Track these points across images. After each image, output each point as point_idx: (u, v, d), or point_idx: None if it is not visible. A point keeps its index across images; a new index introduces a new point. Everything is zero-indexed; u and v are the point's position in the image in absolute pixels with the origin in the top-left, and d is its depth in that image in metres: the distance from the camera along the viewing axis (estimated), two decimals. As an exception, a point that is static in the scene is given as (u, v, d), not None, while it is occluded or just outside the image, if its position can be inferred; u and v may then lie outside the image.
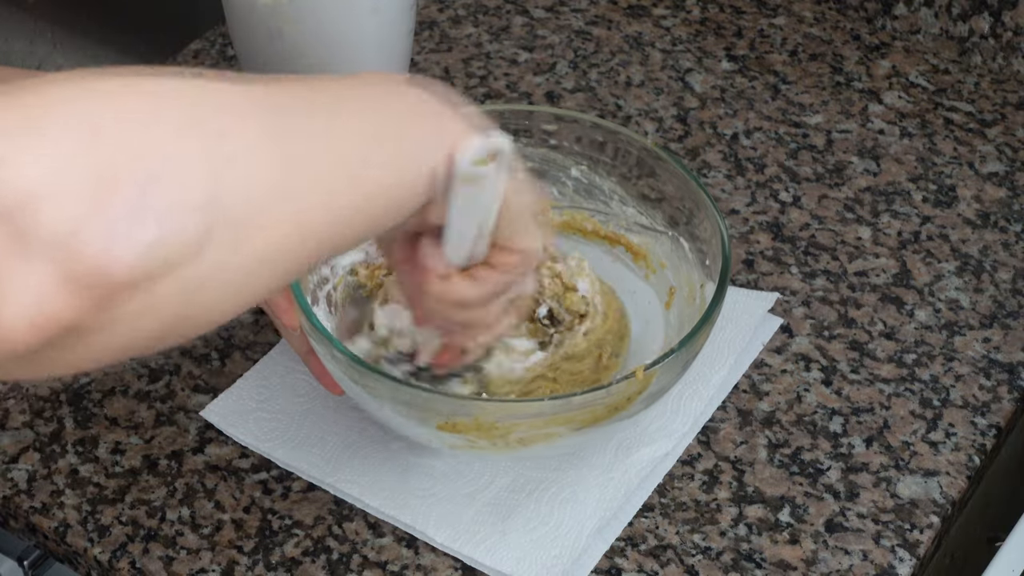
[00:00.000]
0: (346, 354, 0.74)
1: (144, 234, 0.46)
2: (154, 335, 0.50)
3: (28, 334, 0.45)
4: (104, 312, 0.47)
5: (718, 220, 0.82)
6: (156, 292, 0.48)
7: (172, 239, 0.47)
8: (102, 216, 0.45)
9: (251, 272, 0.51)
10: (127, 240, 0.46)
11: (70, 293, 0.45)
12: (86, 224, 0.45)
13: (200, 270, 0.49)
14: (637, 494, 0.83)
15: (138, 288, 0.47)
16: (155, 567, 0.80)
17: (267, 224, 0.51)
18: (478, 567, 0.79)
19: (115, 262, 0.46)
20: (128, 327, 0.48)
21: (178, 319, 0.50)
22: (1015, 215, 1.00)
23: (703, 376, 0.87)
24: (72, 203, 0.45)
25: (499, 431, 0.75)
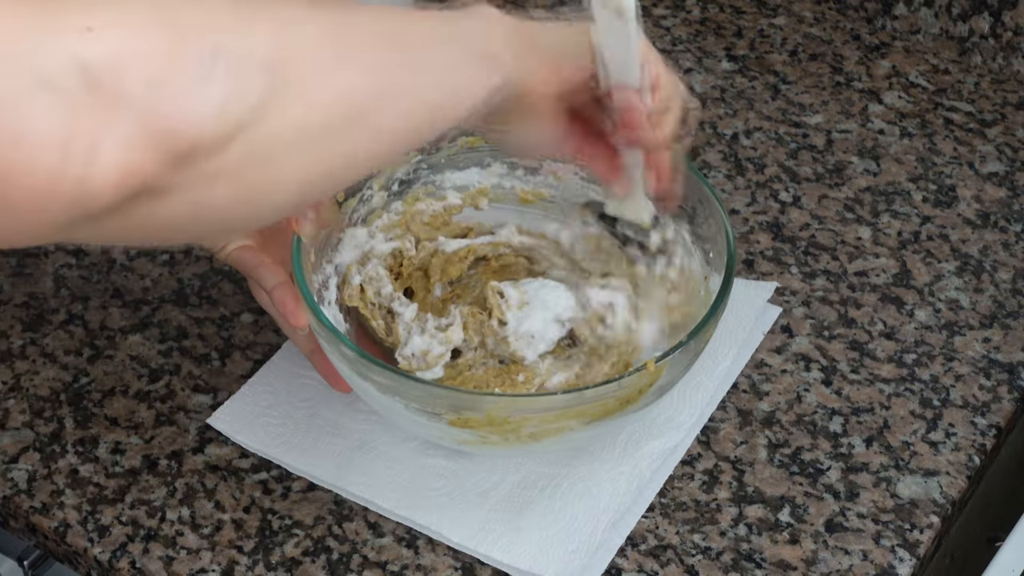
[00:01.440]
0: (354, 351, 0.74)
1: (215, 92, 0.51)
2: (225, 204, 0.54)
3: (116, 187, 0.50)
4: (181, 169, 0.51)
5: (722, 215, 0.82)
6: (227, 153, 0.52)
7: (240, 97, 0.51)
8: (178, 76, 0.50)
9: (313, 141, 0.55)
10: (201, 97, 0.50)
11: (153, 148, 0.50)
12: (164, 84, 0.50)
13: (266, 132, 0.53)
14: (649, 487, 0.83)
15: (213, 146, 0.51)
16: (155, 567, 0.80)
17: (326, 92, 0.55)
18: (496, 565, 0.79)
19: (191, 117, 0.50)
20: (203, 190, 0.53)
21: (249, 185, 0.54)
22: (1015, 215, 1.00)
23: (707, 367, 0.88)
24: (151, 65, 0.50)
25: (510, 426, 0.76)
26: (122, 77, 0.49)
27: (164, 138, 0.50)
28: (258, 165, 0.54)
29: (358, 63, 0.57)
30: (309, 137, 0.55)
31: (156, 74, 0.50)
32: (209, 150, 0.51)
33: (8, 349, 0.91)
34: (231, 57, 0.51)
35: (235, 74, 0.51)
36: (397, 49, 0.60)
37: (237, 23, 0.52)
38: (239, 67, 0.51)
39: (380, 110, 0.58)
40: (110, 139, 0.49)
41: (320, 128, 0.55)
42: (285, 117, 0.53)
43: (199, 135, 0.51)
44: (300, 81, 0.54)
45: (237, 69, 0.51)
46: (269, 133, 0.53)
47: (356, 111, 0.57)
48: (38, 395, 0.88)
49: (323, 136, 0.56)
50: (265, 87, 0.52)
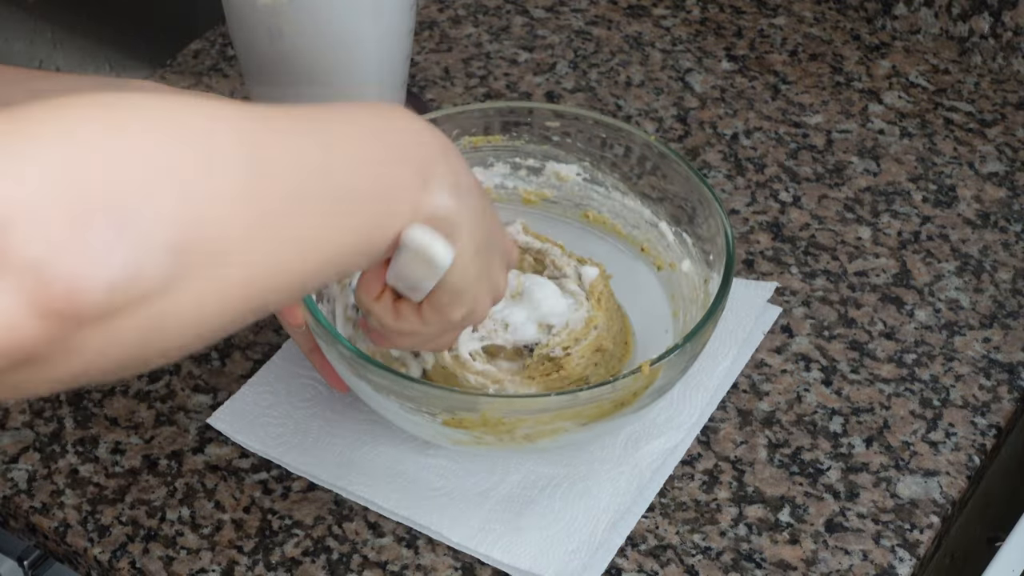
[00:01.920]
0: (351, 350, 0.75)
1: (114, 269, 0.47)
2: (115, 365, 0.50)
3: None
4: (66, 342, 0.47)
5: (721, 216, 0.82)
6: (121, 325, 0.48)
7: (142, 276, 0.48)
8: (75, 247, 0.46)
9: (217, 309, 0.52)
10: (97, 273, 0.46)
11: (36, 320, 0.46)
12: (58, 253, 0.45)
13: (166, 306, 0.49)
14: (649, 487, 0.83)
15: (103, 320, 0.47)
16: (155, 567, 0.80)
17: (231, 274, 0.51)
18: (496, 565, 0.79)
19: (83, 294, 0.46)
20: (90, 356, 0.49)
21: (140, 350, 0.51)
22: (1015, 215, 1.00)
23: (707, 367, 0.88)
24: (47, 231, 0.45)
25: (505, 427, 0.76)
26: (10, 240, 0.44)
27: (47, 313, 0.46)
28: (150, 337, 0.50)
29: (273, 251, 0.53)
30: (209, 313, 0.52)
31: (49, 243, 0.45)
32: (95, 326, 0.47)
33: (8, 349, 0.91)
34: (134, 239, 0.47)
35: (135, 257, 0.47)
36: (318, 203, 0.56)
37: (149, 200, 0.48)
38: (141, 250, 0.47)
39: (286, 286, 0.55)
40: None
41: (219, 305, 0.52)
42: (184, 297, 0.50)
43: (85, 313, 0.47)
44: (205, 264, 0.50)
45: (138, 252, 0.47)
46: (164, 311, 0.49)
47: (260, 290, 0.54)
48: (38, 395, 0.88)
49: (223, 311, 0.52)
50: (165, 271, 0.48)
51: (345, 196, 0.58)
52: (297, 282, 0.56)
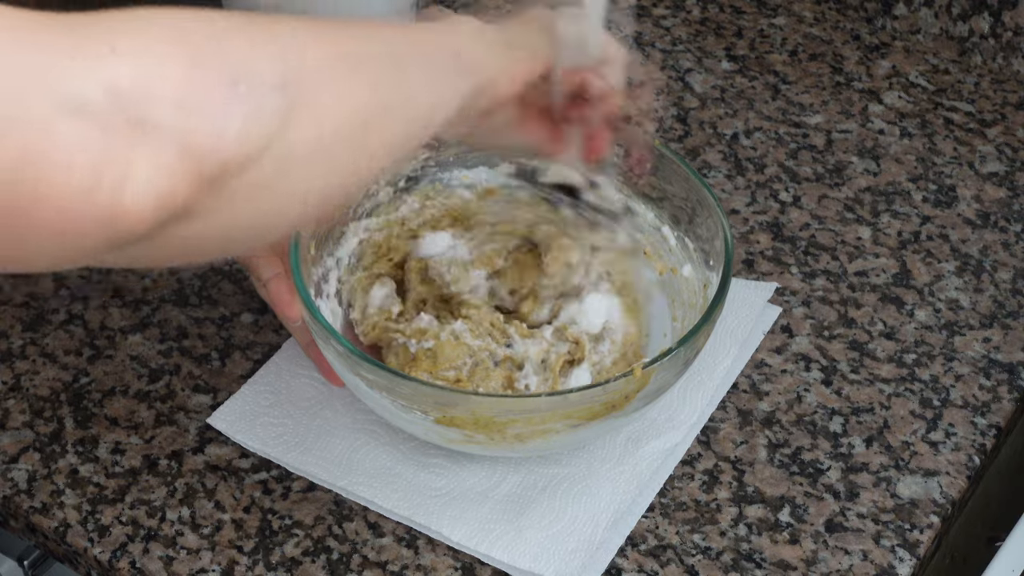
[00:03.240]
0: (346, 346, 0.75)
1: (238, 114, 0.52)
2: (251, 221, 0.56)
3: (150, 213, 0.50)
4: (213, 191, 0.52)
5: (721, 219, 0.82)
6: (252, 172, 0.53)
7: (260, 117, 0.53)
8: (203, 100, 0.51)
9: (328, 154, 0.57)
10: (226, 120, 0.52)
11: (186, 173, 0.51)
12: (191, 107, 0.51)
13: (285, 149, 0.54)
14: (649, 487, 0.83)
15: (239, 167, 0.52)
16: (155, 567, 0.80)
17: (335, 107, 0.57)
18: (496, 564, 0.79)
19: (219, 140, 0.51)
20: (231, 210, 0.54)
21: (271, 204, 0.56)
22: (1015, 215, 1.00)
23: (707, 367, 0.88)
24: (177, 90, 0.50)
25: (496, 426, 0.76)
26: (150, 101, 0.50)
27: (196, 162, 0.51)
28: (280, 180, 0.55)
29: (360, 79, 0.59)
30: (324, 149, 0.57)
31: (182, 98, 0.50)
32: (236, 171, 0.53)
33: (8, 349, 0.91)
34: (248, 80, 0.53)
35: (254, 96, 0.53)
36: (392, 63, 0.62)
37: (250, 47, 0.54)
38: (256, 89, 0.53)
39: (384, 120, 0.61)
40: (142, 165, 0.49)
41: (333, 140, 0.57)
42: (301, 133, 0.55)
43: (227, 157, 0.52)
44: (311, 99, 0.56)
45: (255, 91, 0.53)
46: (288, 149, 0.55)
47: (363, 123, 0.59)
48: (38, 395, 0.88)
49: (336, 148, 0.58)
50: (281, 106, 0.54)
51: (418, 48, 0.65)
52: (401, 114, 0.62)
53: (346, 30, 0.61)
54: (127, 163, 0.49)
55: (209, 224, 0.54)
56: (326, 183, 0.58)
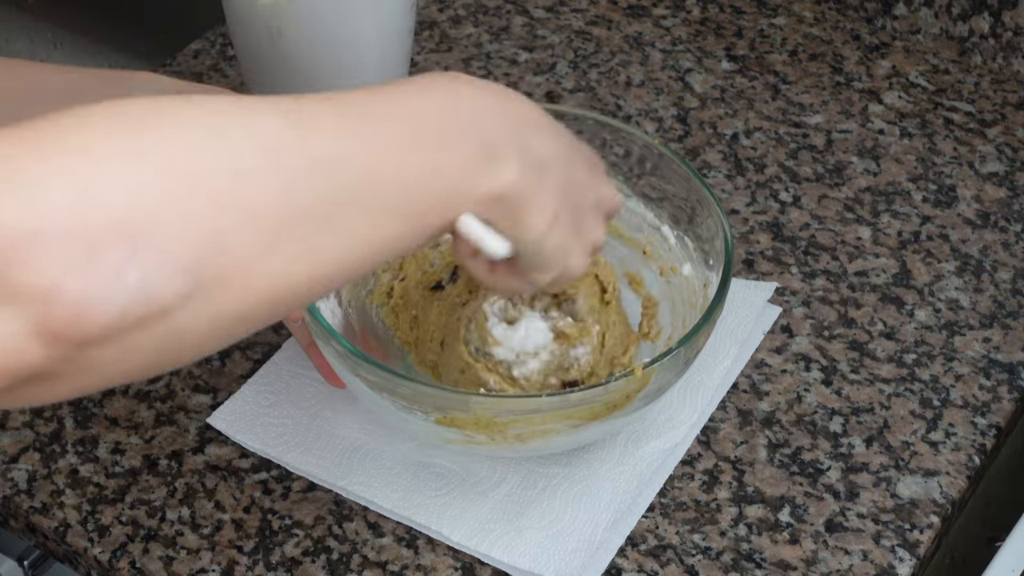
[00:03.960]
0: (345, 346, 0.75)
1: (121, 295, 0.46)
2: (122, 378, 0.50)
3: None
4: (74, 361, 0.46)
5: (721, 219, 0.82)
6: (128, 344, 0.47)
7: (150, 299, 0.46)
8: (88, 272, 0.45)
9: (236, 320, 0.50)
10: (106, 298, 0.45)
11: (42, 343, 0.45)
12: (67, 279, 0.45)
13: (176, 325, 0.48)
14: (649, 487, 0.83)
15: (116, 338, 0.47)
16: (155, 567, 0.80)
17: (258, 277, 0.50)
18: (496, 564, 0.79)
19: (91, 318, 0.45)
20: (98, 373, 0.48)
21: (149, 366, 0.50)
22: (1015, 215, 1.00)
23: (707, 367, 0.88)
24: (57, 258, 0.44)
25: (497, 426, 0.76)
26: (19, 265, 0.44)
27: (51, 336, 0.45)
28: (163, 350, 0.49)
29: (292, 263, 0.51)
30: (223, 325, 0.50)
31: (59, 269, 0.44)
32: (103, 345, 0.47)
33: (8, 349, 0.91)
34: (148, 260, 0.46)
35: (148, 278, 0.46)
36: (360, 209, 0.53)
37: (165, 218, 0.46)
38: (154, 271, 0.46)
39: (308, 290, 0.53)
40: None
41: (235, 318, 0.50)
42: (198, 311, 0.48)
43: (92, 336, 0.46)
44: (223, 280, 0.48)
45: (152, 273, 0.46)
46: (178, 326, 0.48)
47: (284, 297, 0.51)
48: (38, 395, 0.88)
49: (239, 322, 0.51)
50: (182, 289, 0.47)
51: (391, 197, 0.54)
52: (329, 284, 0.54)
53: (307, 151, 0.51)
54: None
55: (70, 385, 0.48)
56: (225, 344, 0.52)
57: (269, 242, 0.49)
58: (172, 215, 0.47)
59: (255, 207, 0.49)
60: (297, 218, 0.50)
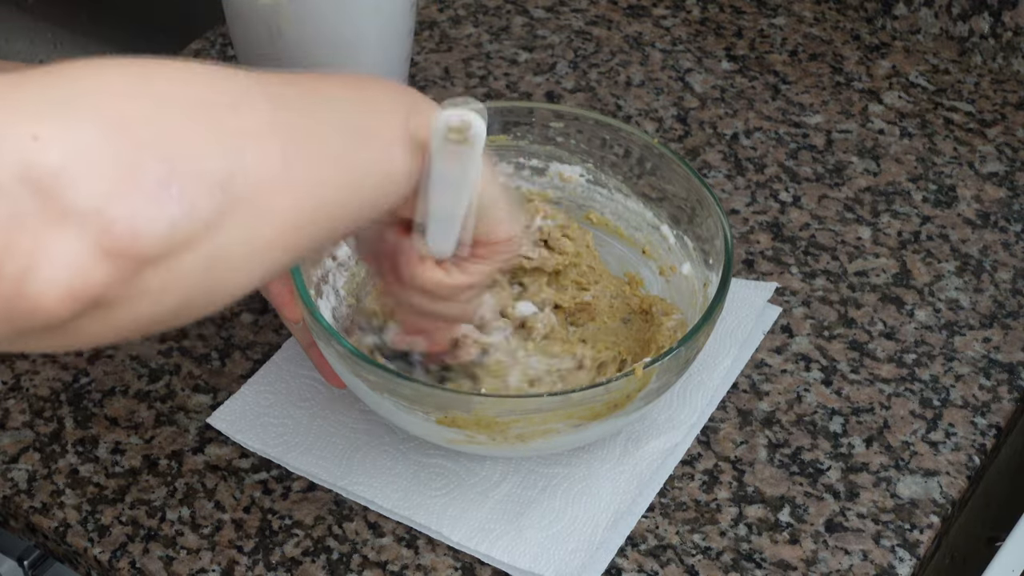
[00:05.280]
0: (346, 347, 0.75)
1: (168, 209, 0.49)
2: (176, 308, 0.53)
3: (61, 304, 0.48)
4: (131, 284, 0.49)
5: (721, 219, 0.82)
6: (179, 266, 0.51)
7: (193, 214, 0.50)
8: (129, 192, 0.48)
9: (270, 239, 0.54)
10: (152, 215, 0.49)
11: (101, 264, 0.48)
12: (115, 199, 0.48)
13: (219, 245, 0.52)
14: (649, 486, 0.83)
15: (163, 261, 0.50)
16: (155, 567, 0.80)
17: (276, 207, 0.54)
18: (495, 564, 0.79)
19: (142, 235, 0.48)
20: (153, 300, 0.51)
21: (199, 292, 0.53)
22: (1015, 215, 1.00)
23: (707, 367, 0.88)
24: (101, 179, 0.47)
25: (498, 426, 0.76)
26: (70, 190, 0.47)
27: (113, 255, 0.48)
28: (208, 274, 0.52)
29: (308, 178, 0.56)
30: (259, 252, 0.54)
31: (106, 190, 0.48)
32: (159, 263, 0.50)
33: (8, 349, 0.91)
34: (185, 176, 0.50)
35: (188, 193, 0.50)
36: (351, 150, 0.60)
37: (192, 139, 0.51)
38: (192, 186, 0.50)
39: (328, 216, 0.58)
40: (55, 253, 0.47)
41: (269, 240, 0.54)
42: (235, 233, 0.52)
43: (149, 252, 0.49)
44: (251, 198, 0.53)
45: (190, 188, 0.50)
46: (219, 247, 0.52)
47: (304, 222, 0.56)
48: (38, 395, 0.88)
49: (271, 246, 0.55)
50: (217, 205, 0.51)
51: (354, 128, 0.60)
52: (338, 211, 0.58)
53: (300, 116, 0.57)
54: (37, 252, 0.47)
55: (126, 314, 0.51)
56: (258, 276, 0.56)
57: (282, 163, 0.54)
58: (195, 138, 0.51)
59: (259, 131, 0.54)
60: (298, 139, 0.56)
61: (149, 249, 0.49)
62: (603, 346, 0.84)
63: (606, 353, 0.84)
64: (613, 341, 0.85)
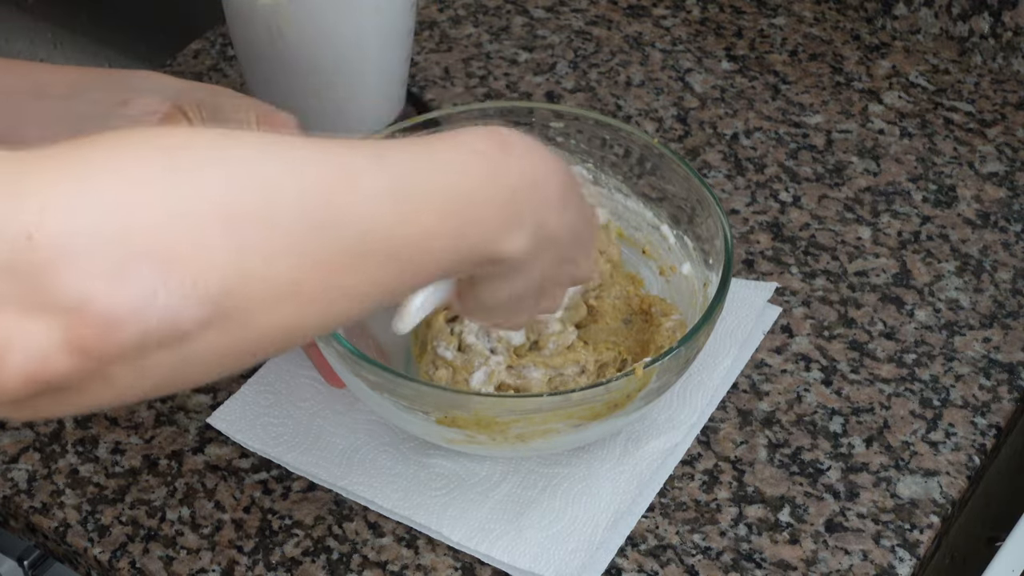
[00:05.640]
0: (346, 347, 0.75)
1: (151, 314, 0.47)
2: (141, 395, 0.51)
3: (21, 386, 0.46)
4: (97, 375, 0.48)
5: (721, 219, 0.82)
6: (150, 362, 0.48)
7: (179, 321, 0.47)
8: (116, 290, 0.46)
9: (253, 347, 0.52)
10: (134, 316, 0.46)
11: (69, 355, 0.46)
12: (98, 294, 0.46)
13: (192, 351, 0.49)
14: (649, 486, 0.83)
15: (133, 359, 0.48)
16: (155, 567, 0.80)
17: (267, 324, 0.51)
18: (496, 564, 0.79)
19: (118, 334, 0.46)
20: (118, 388, 0.49)
21: (169, 382, 0.51)
22: (1015, 215, 1.00)
23: (707, 367, 0.88)
24: (90, 272, 0.46)
25: (498, 426, 0.76)
26: (56, 276, 0.45)
27: (84, 348, 0.46)
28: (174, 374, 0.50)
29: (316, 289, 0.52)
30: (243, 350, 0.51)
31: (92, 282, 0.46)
32: (124, 363, 0.48)
33: (8, 349, 0.91)
34: (179, 281, 0.47)
35: (178, 299, 0.47)
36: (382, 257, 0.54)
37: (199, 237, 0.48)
38: (184, 293, 0.47)
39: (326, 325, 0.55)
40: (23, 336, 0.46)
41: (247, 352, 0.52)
42: (214, 344, 0.49)
43: (116, 353, 0.47)
44: (245, 311, 0.49)
45: (181, 294, 0.47)
46: (197, 350, 0.49)
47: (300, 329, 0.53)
48: (38, 395, 0.88)
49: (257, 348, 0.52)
50: (203, 318, 0.48)
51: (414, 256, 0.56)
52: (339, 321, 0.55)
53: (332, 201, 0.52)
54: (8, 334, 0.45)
55: (85, 399, 0.49)
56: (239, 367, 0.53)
57: (292, 282, 0.51)
58: (204, 245, 0.48)
59: (285, 248, 0.50)
60: (322, 263, 0.52)
61: (117, 349, 0.47)
62: (604, 347, 0.84)
63: (607, 354, 0.84)
64: (614, 341, 0.85)
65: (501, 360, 0.82)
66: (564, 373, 0.82)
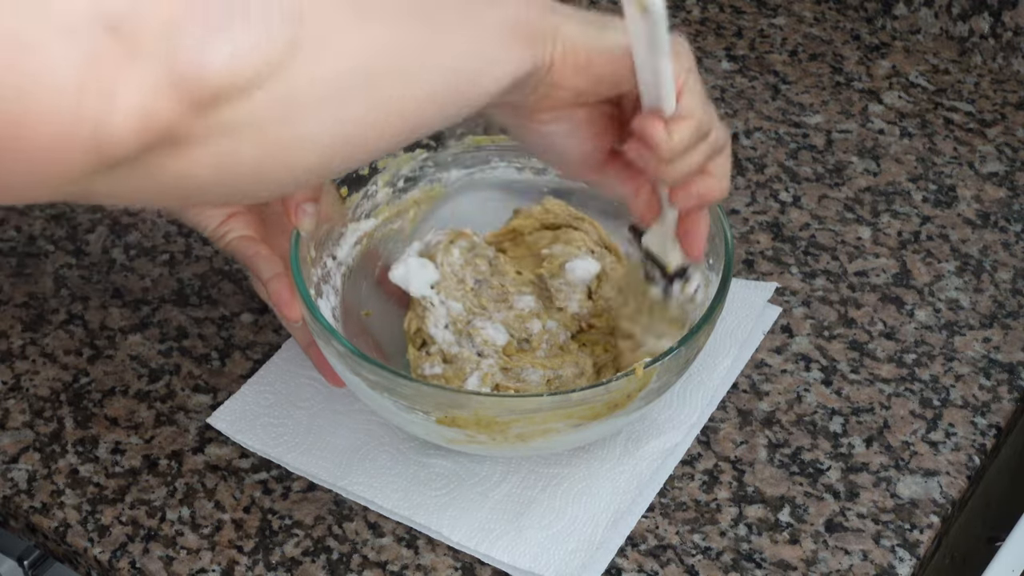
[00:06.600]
0: (346, 347, 0.75)
1: (238, 40, 0.50)
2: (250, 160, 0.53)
3: (135, 133, 0.49)
4: (204, 117, 0.50)
5: (721, 218, 0.82)
6: (251, 104, 0.51)
7: (263, 47, 0.51)
8: (199, 22, 0.49)
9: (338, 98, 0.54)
10: (223, 45, 0.50)
11: (174, 94, 0.49)
12: (185, 29, 0.49)
13: (290, 85, 0.52)
14: (649, 486, 0.83)
15: (233, 97, 0.51)
16: (155, 567, 0.80)
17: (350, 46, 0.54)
18: (496, 564, 0.79)
19: (212, 64, 0.49)
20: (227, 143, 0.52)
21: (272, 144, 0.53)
22: (1015, 215, 1.00)
23: (707, 367, 0.88)
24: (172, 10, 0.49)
25: (498, 426, 0.76)
26: (142, 21, 0.48)
27: (185, 84, 0.49)
28: (282, 119, 0.53)
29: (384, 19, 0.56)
30: (333, 93, 0.54)
31: (177, 19, 0.49)
32: (231, 99, 0.51)
33: (8, 349, 0.91)
34: (255, 5, 0.51)
35: (259, 23, 0.51)
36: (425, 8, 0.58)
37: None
38: (263, 16, 0.51)
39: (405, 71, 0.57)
40: (130, 84, 0.48)
41: (345, 84, 0.55)
42: (309, 70, 0.53)
43: (220, 83, 0.50)
44: (324, 34, 0.53)
45: (261, 18, 0.51)
46: (293, 86, 0.52)
47: (380, 69, 0.56)
48: (38, 395, 0.88)
49: (348, 93, 0.55)
50: (289, 38, 0.51)
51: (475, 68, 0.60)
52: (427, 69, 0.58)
53: None
54: (112, 83, 0.48)
55: (203, 156, 0.52)
56: (336, 132, 0.56)
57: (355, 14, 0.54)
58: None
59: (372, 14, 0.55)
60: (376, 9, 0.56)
61: (218, 79, 0.50)
62: (601, 349, 0.84)
63: (605, 356, 0.84)
64: (612, 343, 0.85)
65: (492, 363, 0.82)
66: (562, 375, 0.82)
